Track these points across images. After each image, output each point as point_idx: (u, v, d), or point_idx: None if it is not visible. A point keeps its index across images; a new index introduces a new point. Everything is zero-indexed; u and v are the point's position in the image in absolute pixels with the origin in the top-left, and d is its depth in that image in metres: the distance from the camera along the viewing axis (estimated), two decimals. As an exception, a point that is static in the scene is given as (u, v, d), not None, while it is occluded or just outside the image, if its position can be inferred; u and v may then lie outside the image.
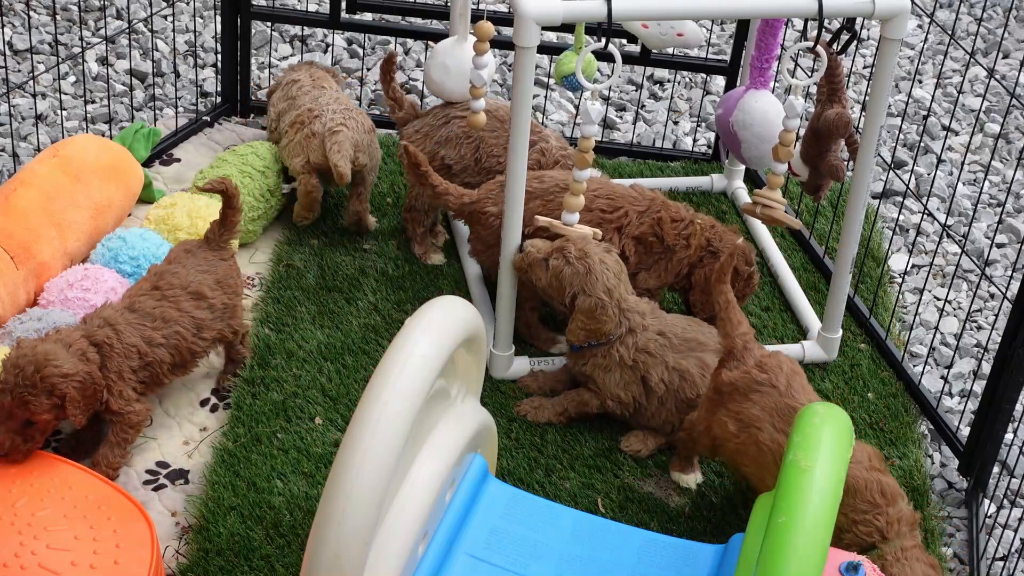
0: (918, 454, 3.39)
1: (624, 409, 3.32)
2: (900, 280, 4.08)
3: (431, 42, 4.02)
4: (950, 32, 3.57)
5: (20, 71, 4.65)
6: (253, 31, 4.55)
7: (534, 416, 3.38)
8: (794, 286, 3.91)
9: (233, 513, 3.03)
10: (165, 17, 4.98)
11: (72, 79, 4.63)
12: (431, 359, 2.42)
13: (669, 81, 4.99)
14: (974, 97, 5.15)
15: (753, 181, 4.36)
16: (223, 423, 3.30)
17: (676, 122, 4.80)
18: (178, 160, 4.24)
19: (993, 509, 3.30)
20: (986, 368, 3.70)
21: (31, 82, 4.40)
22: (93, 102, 4.53)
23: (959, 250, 4.21)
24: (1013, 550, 3.21)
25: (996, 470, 3.37)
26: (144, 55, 4.76)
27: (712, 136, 4.63)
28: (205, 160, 4.22)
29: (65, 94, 4.53)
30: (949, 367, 3.69)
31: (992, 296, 4.09)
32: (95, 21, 4.95)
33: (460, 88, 3.79)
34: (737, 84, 4.29)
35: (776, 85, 4.82)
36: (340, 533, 2.28)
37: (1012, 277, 4.11)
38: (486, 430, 2.92)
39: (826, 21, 3.23)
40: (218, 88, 4.50)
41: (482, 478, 2.90)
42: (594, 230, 3.40)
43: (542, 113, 4.70)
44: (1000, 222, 4.00)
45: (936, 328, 3.72)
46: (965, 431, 3.45)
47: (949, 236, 4.18)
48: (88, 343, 2.98)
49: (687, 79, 5.05)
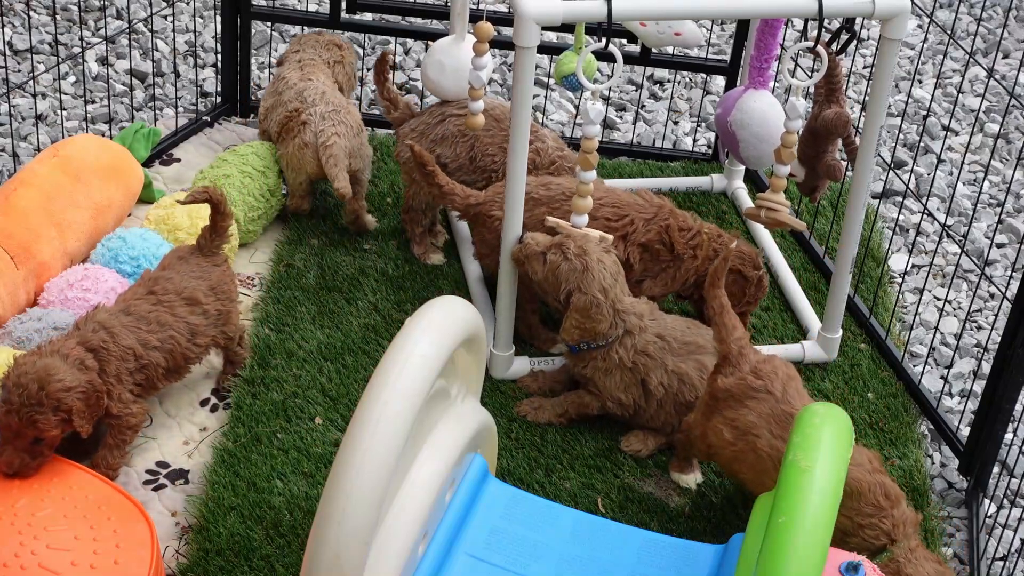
0: (918, 454, 3.39)
1: (624, 410, 3.32)
2: (900, 280, 4.08)
3: (431, 42, 4.02)
4: (950, 32, 3.57)
5: (20, 71, 4.64)
6: (253, 31, 4.55)
7: (534, 417, 3.37)
8: (794, 286, 3.90)
9: (233, 513, 3.03)
10: (165, 17, 4.97)
11: (72, 79, 4.63)
12: (431, 359, 2.42)
13: (669, 81, 4.99)
14: (974, 97, 5.14)
15: (753, 181, 4.35)
16: (223, 423, 3.30)
17: (676, 122, 4.80)
18: (178, 160, 4.24)
19: (993, 509, 3.30)
20: (986, 368, 3.70)
21: (31, 82, 4.40)
22: (93, 102, 4.53)
23: (959, 250, 4.21)
24: (1013, 550, 3.21)
25: (996, 470, 3.37)
26: (144, 55, 4.76)
27: (712, 136, 4.63)
28: (205, 160, 4.22)
29: (65, 94, 4.52)
30: (949, 367, 3.69)
31: (992, 296, 4.08)
32: (95, 21, 4.95)
33: (455, 86, 3.79)
34: (737, 84, 4.29)
35: (776, 85, 4.83)
36: (340, 533, 2.28)
37: (1012, 277, 4.10)
38: (486, 430, 2.92)
39: (826, 21, 3.23)
40: (218, 88, 4.49)
41: (482, 478, 2.90)
42: (603, 234, 3.39)
43: (542, 113, 4.70)
44: (1000, 222, 4.00)
45: (936, 328, 3.72)
46: (965, 431, 3.45)
47: (949, 236, 4.18)
48: (84, 350, 2.96)
49: (687, 79, 5.05)
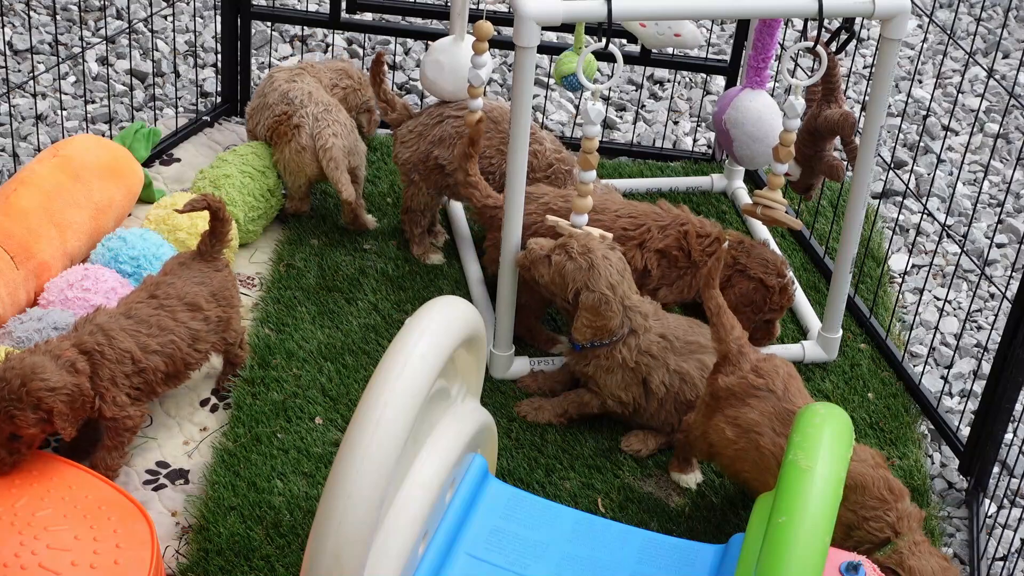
0: (918, 454, 3.39)
1: (624, 408, 3.32)
2: (900, 280, 4.08)
3: (431, 42, 4.02)
4: (950, 32, 3.57)
5: (20, 71, 4.64)
6: (253, 31, 4.55)
7: (534, 417, 3.37)
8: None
9: (233, 513, 3.03)
10: (165, 17, 4.97)
11: (72, 79, 4.63)
12: (431, 359, 2.42)
13: (669, 81, 4.99)
14: (974, 97, 5.14)
15: (753, 181, 4.35)
16: (223, 423, 3.30)
17: (676, 122, 4.80)
18: (178, 160, 4.24)
19: (993, 509, 3.30)
20: (986, 368, 3.70)
21: (31, 82, 4.40)
22: (93, 102, 4.53)
23: (959, 250, 4.21)
24: (1013, 550, 3.21)
25: (996, 470, 3.37)
26: (144, 55, 4.76)
27: (712, 136, 4.63)
28: (205, 160, 4.22)
29: (65, 94, 4.52)
30: (949, 367, 3.69)
31: (992, 296, 4.08)
32: (95, 21, 4.95)
33: (453, 86, 3.78)
34: (737, 84, 4.29)
35: (776, 85, 4.83)
36: (340, 533, 2.28)
37: (1012, 277, 4.10)
38: (486, 430, 2.92)
39: (825, 21, 3.23)
40: (218, 88, 4.49)
41: (482, 478, 2.90)
42: (603, 232, 3.38)
43: (542, 113, 4.70)
44: (1000, 222, 4.00)
45: (936, 328, 3.72)
46: (965, 431, 3.45)
47: (949, 236, 4.18)
48: (78, 352, 2.94)
49: (687, 79, 5.05)
